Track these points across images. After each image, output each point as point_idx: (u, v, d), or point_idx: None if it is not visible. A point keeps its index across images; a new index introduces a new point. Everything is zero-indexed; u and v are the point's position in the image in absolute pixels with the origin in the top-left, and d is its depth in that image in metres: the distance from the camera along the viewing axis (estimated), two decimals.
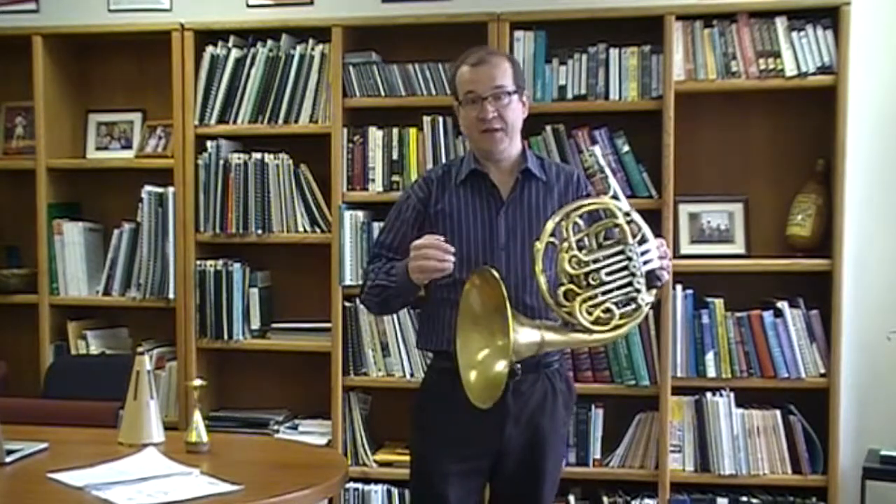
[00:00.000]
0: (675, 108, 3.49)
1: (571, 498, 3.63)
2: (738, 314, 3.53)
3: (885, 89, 3.58)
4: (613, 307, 2.42)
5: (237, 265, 3.81)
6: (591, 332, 2.42)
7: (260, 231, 3.77)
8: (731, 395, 3.54)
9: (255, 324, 3.84)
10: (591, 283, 2.42)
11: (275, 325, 3.87)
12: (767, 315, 3.51)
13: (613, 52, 3.56)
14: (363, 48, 3.74)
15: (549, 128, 3.59)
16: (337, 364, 3.70)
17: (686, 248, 3.62)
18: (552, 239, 2.42)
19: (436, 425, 2.66)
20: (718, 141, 3.69)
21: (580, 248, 2.44)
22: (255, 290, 3.84)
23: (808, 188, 3.55)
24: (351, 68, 3.69)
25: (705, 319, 3.53)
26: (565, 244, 2.42)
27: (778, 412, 3.52)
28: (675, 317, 3.53)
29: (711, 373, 3.54)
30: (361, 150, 3.70)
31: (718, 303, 3.54)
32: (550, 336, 2.44)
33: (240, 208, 3.77)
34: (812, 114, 3.58)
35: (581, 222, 2.46)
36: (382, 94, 3.68)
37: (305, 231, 3.75)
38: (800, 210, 3.53)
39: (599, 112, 3.59)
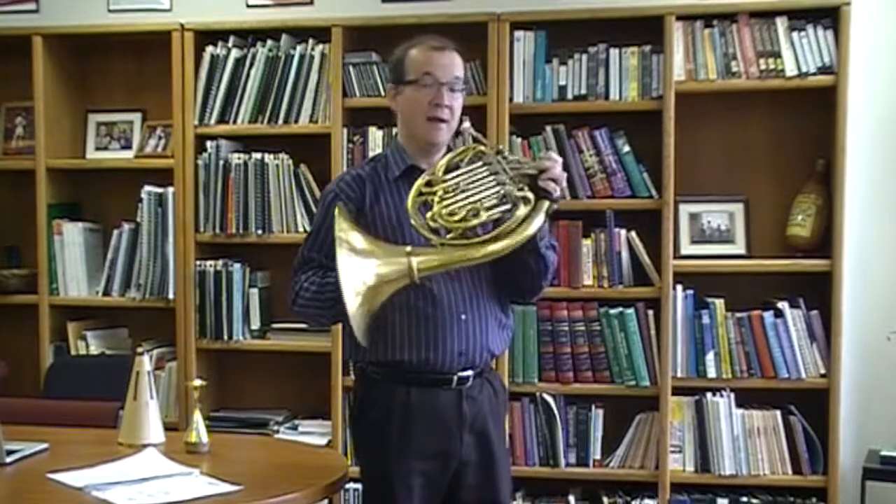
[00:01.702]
0: (675, 108, 3.49)
1: (571, 498, 3.63)
2: (739, 314, 3.53)
3: (885, 89, 3.58)
4: (479, 206, 2.32)
5: (237, 265, 3.81)
6: (464, 236, 2.31)
7: (260, 231, 3.77)
8: (732, 395, 3.54)
9: (255, 324, 3.84)
10: (450, 194, 2.34)
11: (275, 326, 3.87)
12: (768, 315, 3.51)
13: (613, 52, 3.56)
14: (363, 48, 3.73)
15: (549, 128, 3.59)
16: (337, 364, 3.70)
17: (686, 249, 3.62)
18: (423, 197, 2.37)
19: (394, 441, 2.50)
20: (718, 141, 3.69)
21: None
22: (255, 291, 3.84)
23: (808, 188, 3.55)
24: (351, 68, 3.69)
25: (705, 319, 3.53)
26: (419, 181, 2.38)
27: (778, 412, 3.52)
28: (676, 317, 3.53)
29: (712, 373, 3.54)
30: (361, 150, 3.70)
31: (719, 303, 3.54)
32: (422, 260, 2.32)
33: (240, 208, 3.77)
34: (812, 114, 3.58)
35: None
36: (382, 94, 3.68)
37: (305, 231, 3.73)
38: (800, 210, 3.53)
39: (599, 112, 3.59)
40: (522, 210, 2.34)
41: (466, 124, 2.52)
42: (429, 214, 2.35)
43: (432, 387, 2.51)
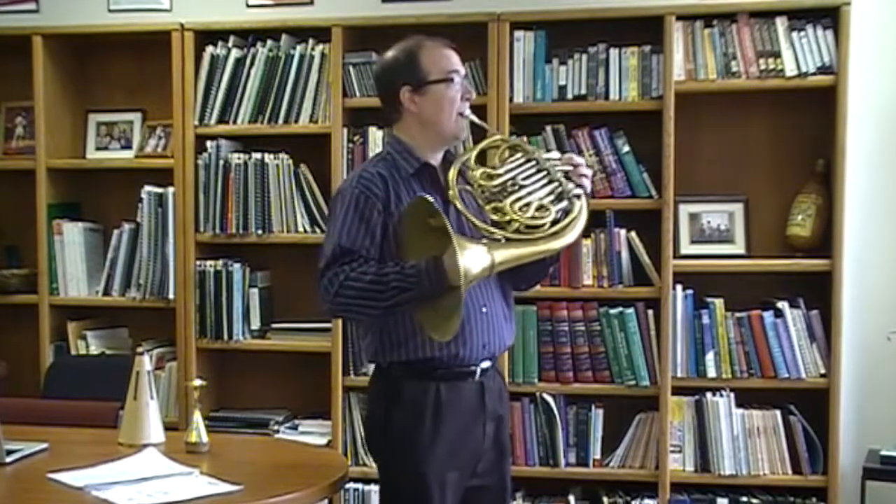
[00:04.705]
0: (675, 108, 3.49)
1: (571, 498, 3.63)
2: (738, 314, 3.53)
3: (885, 89, 3.58)
4: (548, 204, 2.40)
5: (237, 265, 3.81)
6: (533, 233, 2.37)
7: (260, 231, 3.77)
8: (731, 395, 3.54)
9: (255, 324, 3.84)
10: (512, 189, 2.40)
11: (275, 325, 3.87)
12: (767, 315, 3.51)
13: (613, 52, 3.57)
14: (363, 48, 3.73)
15: (549, 128, 3.59)
16: (337, 364, 3.70)
17: (686, 248, 3.62)
18: (463, 186, 2.42)
19: (426, 438, 2.49)
20: (718, 141, 3.69)
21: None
22: (255, 290, 3.84)
23: (808, 188, 3.55)
24: (351, 68, 3.69)
25: (705, 319, 3.53)
26: (475, 172, 2.42)
27: (778, 412, 3.52)
28: (675, 317, 3.53)
29: (711, 373, 3.54)
30: (361, 150, 3.70)
31: (718, 303, 3.54)
32: (501, 254, 2.34)
33: (240, 208, 3.77)
34: (812, 114, 3.58)
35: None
36: None
37: (305, 231, 3.75)
38: (800, 210, 3.53)
39: (599, 112, 3.59)
40: (577, 206, 2.43)
41: (468, 111, 2.56)
42: (489, 207, 2.38)
43: (458, 380, 2.53)
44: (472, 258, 2.28)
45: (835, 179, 3.47)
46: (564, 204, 2.43)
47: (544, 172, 2.45)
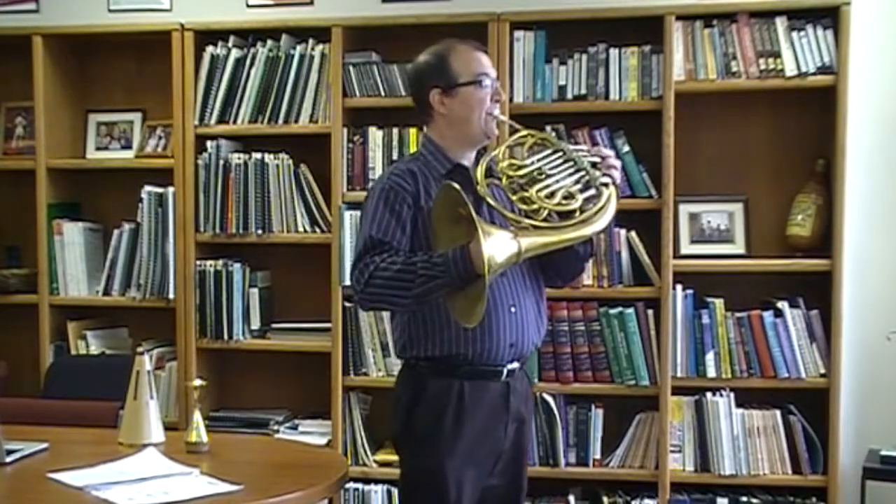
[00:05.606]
0: (675, 108, 3.49)
1: (571, 498, 3.63)
2: (738, 314, 3.53)
3: (885, 89, 3.58)
4: (575, 192, 2.43)
5: (237, 265, 3.81)
6: (562, 220, 2.40)
7: (260, 231, 3.77)
8: (731, 395, 3.54)
9: (255, 324, 3.84)
10: (539, 178, 2.44)
11: (275, 325, 3.87)
12: (767, 315, 3.51)
13: (613, 52, 3.57)
14: (363, 48, 3.74)
15: (549, 128, 3.58)
16: (337, 364, 3.70)
17: (686, 248, 3.62)
18: (492, 181, 2.45)
19: (447, 435, 2.52)
20: (718, 141, 3.69)
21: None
22: (255, 290, 3.84)
23: (808, 188, 3.55)
24: (351, 68, 3.69)
25: (705, 319, 3.53)
26: (503, 164, 2.46)
27: (778, 412, 3.52)
28: (675, 317, 3.53)
29: (711, 373, 3.54)
30: (361, 150, 3.71)
31: (718, 303, 3.54)
32: (527, 241, 2.35)
33: (240, 208, 3.78)
34: (812, 114, 3.58)
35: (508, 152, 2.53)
36: (382, 94, 3.68)
37: (305, 231, 3.75)
38: (800, 210, 3.53)
39: (599, 112, 3.59)
40: (606, 194, 2.46)
41: (497, 111, 2.60)
42: (516, 197, 2.41)
43: (483, 379, 2.54)
44: (498, 245, 2.29)
45: (835, 179, 3.48)
46: (592, 192, 2.46)
47: (571, 162, 2.48)
